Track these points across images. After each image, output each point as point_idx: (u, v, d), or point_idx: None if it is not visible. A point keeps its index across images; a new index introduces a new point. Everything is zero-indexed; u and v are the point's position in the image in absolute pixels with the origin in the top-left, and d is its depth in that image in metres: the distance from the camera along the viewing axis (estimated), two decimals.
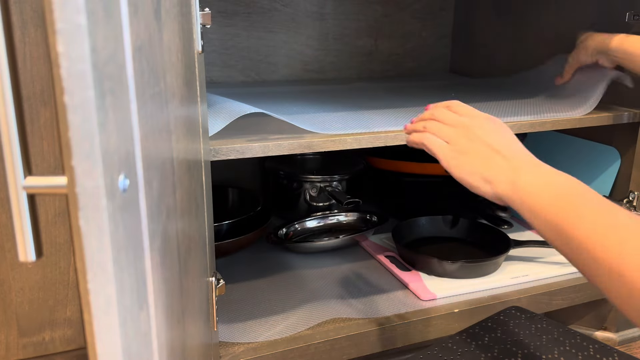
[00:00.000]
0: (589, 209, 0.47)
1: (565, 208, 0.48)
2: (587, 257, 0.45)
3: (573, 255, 0.47)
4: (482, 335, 0.68)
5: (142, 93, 0.33)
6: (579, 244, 0.46)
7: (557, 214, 0.48)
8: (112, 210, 0.26)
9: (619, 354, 0.64)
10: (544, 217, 0.49)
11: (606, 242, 0.44)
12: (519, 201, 0.52)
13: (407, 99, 1.08)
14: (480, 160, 0.57)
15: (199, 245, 0.59)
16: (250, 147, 0.71)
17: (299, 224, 1.18)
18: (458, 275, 0.98)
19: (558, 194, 0.49)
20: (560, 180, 0.51)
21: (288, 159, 1.31)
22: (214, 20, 1.27)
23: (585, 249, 0.45)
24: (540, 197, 0.50)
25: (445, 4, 1.49)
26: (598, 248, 0.44)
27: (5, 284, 0.74)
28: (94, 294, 0.25)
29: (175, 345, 0.43)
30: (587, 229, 0.46)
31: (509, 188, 0.53)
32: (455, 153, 0.58)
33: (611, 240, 0.44)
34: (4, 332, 0.76)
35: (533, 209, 0.50)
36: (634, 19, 1.01)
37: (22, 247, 0.27)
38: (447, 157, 0.59)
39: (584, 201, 0.48)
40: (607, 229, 0.45)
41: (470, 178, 0.58)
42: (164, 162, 0.40)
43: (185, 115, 0.51)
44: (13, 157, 0.26)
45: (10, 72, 0.26)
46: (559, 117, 0.92)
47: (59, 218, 0.75)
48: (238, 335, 0.81)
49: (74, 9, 0.23)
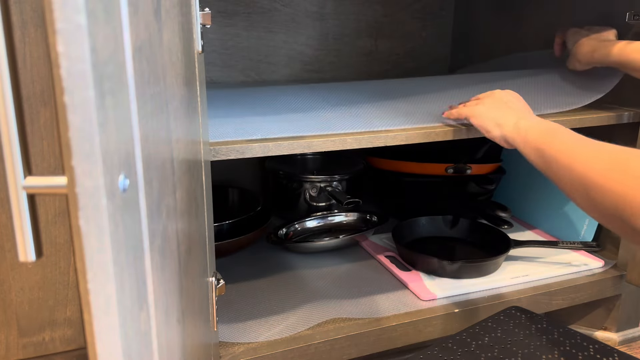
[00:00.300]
0: (567, 137, 0.62)
1: (550, 138, 0.63)
2: (564, 171, 0.59)
3: (553, 173, 0.61)
4: (482, 335, 0.68)
5: (142, 93, 0.33)
6: (557, 162, 0.60)
7: (544, 142, 0.63)
8: (112, 210, 0.26)
9: (619, 354, 0.64)
10: (535, 146, 0.65)
11: (578, 156, 0.57)
12: (519, 138, 0.68)
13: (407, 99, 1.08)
14: (495, 111, 0.75)
15: (199, 245, 0.59)
16: (250, 147, 0.71)
17: (299, 224, 1.18)
18: (458, 275, 0.98)
19: (546, 129, 0.66)
20: (549, 123, 0.67)
21: (288, 159, 1.31)
22: (214, 20, 1.27)
23: (563, 164, 0.59)
24: (533, 132, 0.66)
25: (445, 4, 1.49)
26: (572, 161, 0.58)
27: (5, 284, 0.74)
28: (94, 294, 0.25)
29: (175, 345, 0.43)
30: (565, 149, 0.60)
31: (512, 129, 0.70)
32: (478, 108, 0.77)
33: (582, 154, 0.57)
34: (4, 332, 0.76)
35: (527, 141, 0.66)
36: (634, 19, 1.01)
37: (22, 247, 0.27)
38: (473, 112, 0.78)
39: (564, 133, 0.63)
40: (579, 147, 0.59)
41: (485, 122, 0.75)
42: (164, 162, 0.40)
43: (186, 115, 0.51)
44: (13, 157, 0.26)
45: (10, 72, 0.26)
46: (558, 116, 0.92)
47: (59, 218, 0.75)
48: (238, 335, 0.81)
49: (74, 9, 0.23)
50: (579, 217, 1.12)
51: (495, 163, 1.18)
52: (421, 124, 0.84)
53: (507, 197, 1.28)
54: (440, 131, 0.82)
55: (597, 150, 0.57)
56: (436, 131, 0.82)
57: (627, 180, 0.50)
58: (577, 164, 0.57)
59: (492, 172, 1.18)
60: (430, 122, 0.85)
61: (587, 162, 0.56)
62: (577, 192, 0.57)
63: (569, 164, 0.58)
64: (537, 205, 1.21)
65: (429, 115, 0.90)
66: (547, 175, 0.63)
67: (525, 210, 1.25)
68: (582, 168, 0.56)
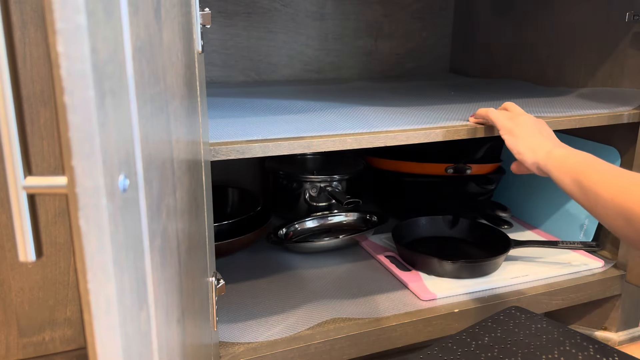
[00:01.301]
0: (604, 167, 0.64)
1: (586, 168, 0.65)
2: (603, 202, 0.60)
3: (590, 202, 0.63)
4: (482, 335, 0.68)
5: (142, 93, 0.33)
6: (596, 193, 0.61)
7: (580, 172, 0.65)
8: (112, 210, 0.26)
9: (619, 354, 0.64)
10: (572, 176, 0.66)
11: (618, 187, 0.59)
12: (553, 167, 0.69)
13: (407, 99, 1.08)
14: (530, 136, 0.76)
15: (199, 245, 0.59)
16: (250, 147, 0.71)
17: (299, 224, 1.18)
18: (458, 275, 0.98)
19: (582, 159, 0.67)
20: (582, 153, 0.69)
21: (288, 159, 1.31)
22: (214, 20, 1.27)
23: (602, 195, 0.60)
24: (569, 162, 0.68)
25: (445, 4, 1.49)
26: (611, 192, 0.59)
27: (5, 284, 0.74)
28: (94, 294, 0.25)
29: (175, 345, 0.43)
30: (604, 180, 0.61)
31: (546, 157, 0.71)
32: (512, 128, 0.77)
33: (621, 185, 0.59)
34: (4, 332, 0.76)
35: (562, 170, 0.68)
36: (634, 19, 1.01)
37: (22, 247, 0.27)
38: (506, 129, 0.78)
39: (600, 163, 0.65)
40: (617, 178, 0.60)
41: (519, 146, 0.76)
42: (164, 162, 0.40)
43: (186, 115, 0.51)
44: (13, 157, 0.26)
45: (10, 72, 0.26)
46: (558, 116, 0.92)
47: (59, 218, 0.75)
48: (238, 335, 0.81)
49: (74, 9, 0.23)
50: (579, 217, 1.12)
51: (495, 163, 1.18)
52: (421, 124, 0.84)
53: (507, 197, 1.28)
54: (440, 131, 0.82)
55: (634, 180, 0.59)
56: (436, 131, 0.82)
57: None
58: (617, 194, 0.59)
59: (492, 172, 1.18)
60: (430, 122, 0.85)
61: (627, 193, 0.58)
62: (617, 221, 0.59)
63: (609, 194, 0.60)
64: (537, 205, 1.21)
65: (429, 116, 0.90)
66: (584, 205, 0.64)
67: (525, 210, 1.25)
68: (621, 199, 0.58)
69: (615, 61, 1.06)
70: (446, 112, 0.93)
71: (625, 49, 1.03)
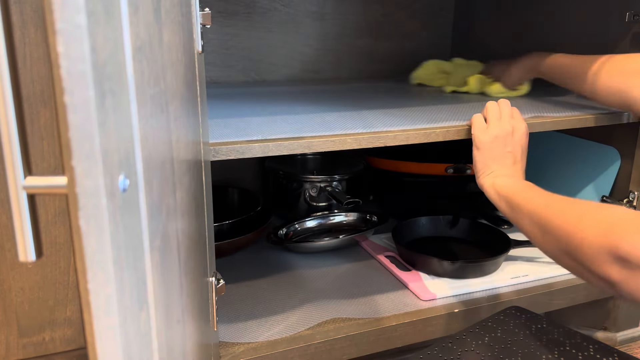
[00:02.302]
0: (535, 191, 0.70)
1: (520, 191, 0.72)
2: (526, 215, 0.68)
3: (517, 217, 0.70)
4: (482, 335, 0.68)
5: (142, 93, 0.33)
6: (521, 207, 0.69)
7: (513, 193, 0.72)
8: (112, 210, 0.26)
9: (619, 354, 0.64)
10: (505, 197, 0.73)
11: (540, 202, 0.66)
12: (493, 195, 0.76)
13: (407, 99, 1.08)
14: (488, 158, 0.80)
15: (199, 245, 0.59)
16: (250, 147, 0.71)
17: (299, 224, 1.18)
18: (458, 275, 0.98)
19: (520, 185, 0.74)
20: (524, 182, 0.76)
21: (288, 159, 1.31)
22: (214, 20, 1.27)
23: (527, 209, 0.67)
24: (507, 188, 0.74)
25: (445, 4, 1.49)
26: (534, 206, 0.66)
27: (5, 284, 0.74)
28: (94, 294, 0.25)
29: (175, 345, 0.43)
30: (530, 198, 0.68)
31: (490, 186, 0.78)
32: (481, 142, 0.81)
33: (543, 201, 0.66)
34: (4, 332, 0.76)
35: (499, 195, 0.75)
36: (634, 19, 1.01)
37: (22, 247, 0.27)
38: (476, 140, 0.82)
39: (534, 189, 0.71)
40: (542, 197, 0.67)
41: (478, 163, 0.81)
42: (164, 162, 0.40)
43: (186, 115, 0.51)
44: (13, 157, 0.26)
45: (10, 72, 0.26)
46: (558, 116, 0.92)
47: (59, 218, 0.75)
48: (238, 335, 0.81)
49: (74, 9, 0.23)
50: None
51: None
52: (421, 124, 0.84)
53: None
54: (440, 131, 0.82)
55: (557, 200, 0.65)
56: (436, 131, 0.82)
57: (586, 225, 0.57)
58: (538, 208, 0.66)
59: None
60: (430, 122, 0.85)
61: (546, 206, 0.64)
62: (534, 231, 0.66)
63: (532, 208, 0.67)
64: None
65: (429, 116, 0.90)
66: (511, 219, 0.72)
67: None
68: (541, 211, 0.65)
69: None
70: (446, 112, 0.93)
71: (625, 49, 1.03)
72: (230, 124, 0.80)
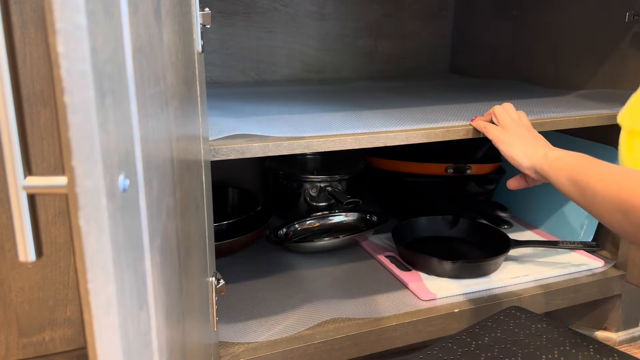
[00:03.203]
0: (599, 165, 0.64)
1: (582, 167, 0.65)
2: (600, 196, 0.59)
3: (587, 200, 0.62)
4: (482, 335, 0.68)
5: (142, 93, 0.33)
6: (593, 189, 0.61)
7: (577, 171, 0.65)
8: (112, 210, 0.26)
9: (619, 354, 0.64)
10: (568, 175, 0.66)
11: (614, 181, 0.58)
12: (550, 169, 0.70)
13: (407, 99, 1.08)
14: (522, 142, 0.77)
15: (199, 245, 0.59)
16: (250, 147, 0.71)
17: (299, 224, 1.18)
18: (458, 275, 0.98)
19: (575, 158, 0.67)
20: (576, 153, 0.69)
21: (288, 159, 1.31)
22: (214, 20, 1.27)
23: (599, 190, 0.60)
24: (564, 162, 0.68)
25: (445, 4, 1.49)
26: (608, 186, 0.59)
27: (5, 284, 0.75)
28: (94, 294, 0.25)
29: (175, 345, 0.43)
30: (599, 176, 0.61)
31: (542, 160, 0.72)
32: (505, 137, 0.78)
33: (617, 179, 0.58)
34: (4, 332, 0.76)
35: (559, 171, 0.68)
36: (634, 19, 1.01)
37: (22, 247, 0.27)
38: (499, 139, 0.79)
39: (595, 162, 0.65)
40: (613, 173, 0.59)
41: (515, 153, 0.76)
42: (164, 162, 0.40)
43: (186, 115, 0.51)
44: (13, 157, 0.26)
45: (10, 72, 0.26)
46: (558, 116, 0.92)
47: (59, 218, 0.75)
48: (238, 335, 0.81)
49: (74, 9, 0.23)
50: (579, 217, 1.12)
51: (495, 163, 1.18)
52: (421, 124, 0.84)
53: (507, 197, 1.28)
54: (440, 131, 0.82)
55: (629, 174, 0.58)
56: (436, 131, 0.82)
57: None
58: (613, 188, 0.58)
59: (492, 172, 1.18)
60: (430, 122, 0.85)
61: (623, 186, 0.56)
62: (614, 216, 0.57)
63: (604, 188, 0.59)
64: (537, 205, 1.21)
65: (429, 116, 0.90)
66: (580, 203, 0.64)
67: (525, 210, 1.25)
68: (618, 192, 0.57)
69: (615, 61, 1.06)
70: (446, 112, 0.93)
71: (625, 49, 1.03)
72: (230, 124, 0.80)
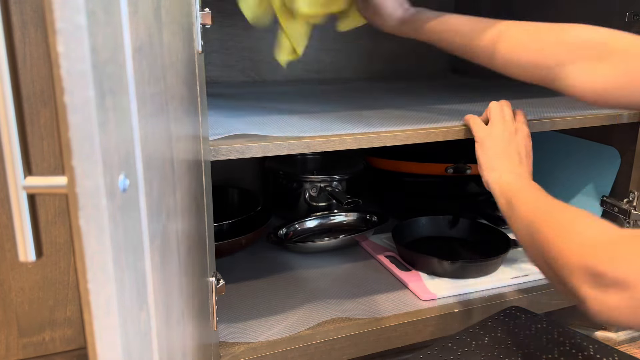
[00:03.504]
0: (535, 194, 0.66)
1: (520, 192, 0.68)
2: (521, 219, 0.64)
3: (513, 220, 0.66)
4: (482, 335, 0.68)
5: (142, 93, 0.33)
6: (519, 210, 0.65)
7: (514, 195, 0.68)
8: (112, 210, 0.26)
9: (619, 354, 0.64)
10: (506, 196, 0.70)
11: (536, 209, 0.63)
12: (497, 191, 0.73)
13: (407, 99, 1.08)
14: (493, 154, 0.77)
15: (199, 245, 0.59)
16: (250, 147, 0.71)
17: (299, 224, 1.18)
18: (458, 275, 0.98)
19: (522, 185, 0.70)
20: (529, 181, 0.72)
21: (288, 159, 1.31)
22: (214, 20, 1.27)
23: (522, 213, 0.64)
24: (510, 186, 0.71)
25: (445, 4, 1.49)
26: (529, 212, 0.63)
27: (5, 284, 0.75)
28: (94, 294, 0.25)
29: (175, 345, 0.43)
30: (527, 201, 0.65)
31: (495, 181, 0.74)
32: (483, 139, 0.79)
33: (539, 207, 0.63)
34: (4, 332, 0.76)
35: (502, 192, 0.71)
36: (634, 19, 1.01)
37: (22, 247, 0.27)
38: (478, 138, 0.79)
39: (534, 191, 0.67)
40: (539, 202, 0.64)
41: (483, 159, 0.78)
42: (164, 162, 0.40)
43: (186, 115, 0.51)
44: (13, 157, 0.26)
45: (10, 72, 0.26)
46: (558, 116, 0.92)
47: (59, 218, 0.75)
48: (238, 335, 0.81)
49: (74, 9, 0.23)
50: None
51: None
52: (421, 124, 0.84)
53: None
54: (440, 131, 0.82)
55: (551, 205, 0.63)
56: (436, 131, 0.82)
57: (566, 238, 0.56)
58: (531, 211, 0.63)
59: None
60: (430, 122, 0.85)
61: (537, 210, 0.62)
62: (523, 234, 0.63)
63: (525, 209, 0.64)
64: None
65: (429, 116, 0.90)
66: (507, 219, 0.69)
67: None
68: (533, 214, 0.62)
69: None
70: (446, 112, 0.93)
71: None
72: (230, 124, 0.80)
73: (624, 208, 1.02)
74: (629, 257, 0.50)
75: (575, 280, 0.53)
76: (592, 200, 1.09)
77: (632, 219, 1.01)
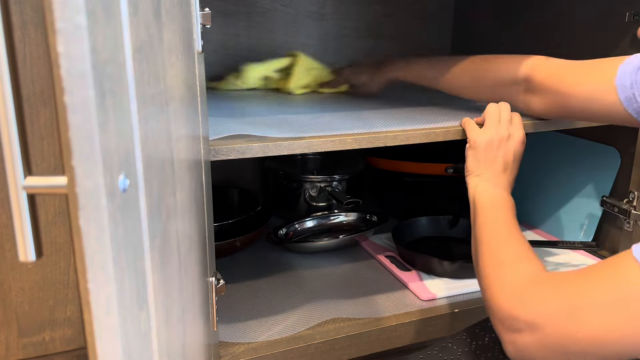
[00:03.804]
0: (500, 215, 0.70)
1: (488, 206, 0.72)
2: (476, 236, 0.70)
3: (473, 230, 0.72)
4: (482, 335, 0.68)
5: (142, 93, 0.33)
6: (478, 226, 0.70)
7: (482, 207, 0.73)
8: (112, 210, 0.26)
9: None
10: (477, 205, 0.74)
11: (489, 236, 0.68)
12: (473, 195, 0.76)
13: (407, 99, 1.08)
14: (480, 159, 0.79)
15: (199, 245, 0.59)
16: (250, 147, 0.71)
17: (299, 224, 1.18)
18: (458, 275, 0.98)
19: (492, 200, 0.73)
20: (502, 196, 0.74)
21: (288, 159, 1.31)
22: (214, 20, 1.27)
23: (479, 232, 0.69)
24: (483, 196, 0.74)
25: (445, 4, 1.49)
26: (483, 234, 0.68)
27: (5, 284, 0.75)
28: (94, 294, 0.25)
29: (175, 345, 0.43)
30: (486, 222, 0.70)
31: (474, 185, 0.77)
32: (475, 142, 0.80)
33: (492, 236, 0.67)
34: (4, 332, 0.76)
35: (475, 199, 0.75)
36: (633, 19, 1.01)
37: (22, 247, 0.27)
38: (471, 140, 0.81)
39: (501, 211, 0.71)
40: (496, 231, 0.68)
41: (470, 161, 0.80)
42: (164, 162, 0.40)
43: (186, 115, 0.51)
44: (13, 157, 0.26)
45: (10, 72, 0.26)
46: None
47: (59, 218, 0.75)
48: (238, 335, 0.81)
49: (74, 9, 0.23)
50: (579, 217, 1.12)
51: None
52: (421, 124, 0.84)
53: None
54: (440, 131, 0.82)
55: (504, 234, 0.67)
56: (436, 131, 0.82)
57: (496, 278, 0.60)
58: (485, 232, 0.68)
59: None
60: (431, 122, 0.85)
61: (489, 241, 0.67)
62: (472, 250, 0.69)
63: (482, 229, 0.69)
64: (537, 205, 1.21)
65: (429, 116, 0.90)
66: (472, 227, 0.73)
67: (525, 210, 1.25)
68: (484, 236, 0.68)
69: None
70: (446, 113, 0.93)
71: (625, 49, 1.03)
72: (230, 124, 0.80)
73: (624, 208, 1.02)
74: (539, 300, 0.54)
75: (496, 323, 0.57)
76: (592, 200, 1.09)
77: (632, 219, 1.01)
